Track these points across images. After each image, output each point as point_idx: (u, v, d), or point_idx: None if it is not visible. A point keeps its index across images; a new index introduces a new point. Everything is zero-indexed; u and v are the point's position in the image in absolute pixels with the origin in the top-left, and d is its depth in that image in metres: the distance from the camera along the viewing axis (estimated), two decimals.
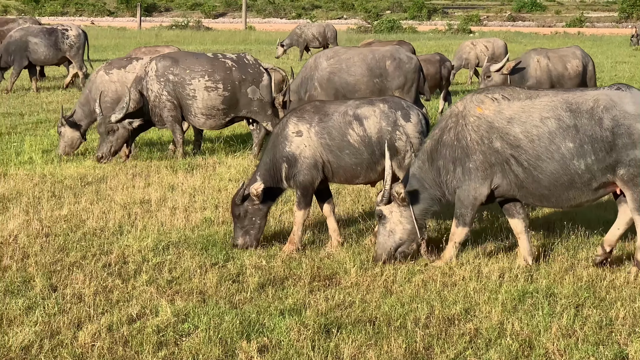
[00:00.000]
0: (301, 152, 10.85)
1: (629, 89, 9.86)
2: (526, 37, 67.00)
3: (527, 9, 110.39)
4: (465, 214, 10.13)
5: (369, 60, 18.42)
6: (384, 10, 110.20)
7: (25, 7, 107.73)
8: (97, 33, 64.00)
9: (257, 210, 11.03)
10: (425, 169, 10.28)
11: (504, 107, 9.92)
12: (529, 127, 9.77)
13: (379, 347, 7.87)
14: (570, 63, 19.78)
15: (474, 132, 9.95)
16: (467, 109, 10.08)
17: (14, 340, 7.86)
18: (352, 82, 18.30)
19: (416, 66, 18.60)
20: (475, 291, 9.24)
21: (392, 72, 18.40)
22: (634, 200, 9.72)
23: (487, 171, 9.92)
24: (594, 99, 9.72)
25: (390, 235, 10.28)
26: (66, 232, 11.46)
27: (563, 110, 9.74)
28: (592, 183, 9.79)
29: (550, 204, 10.20)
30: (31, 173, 15.10)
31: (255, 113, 16.53)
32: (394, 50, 18.86)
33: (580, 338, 8.05)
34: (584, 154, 9.65)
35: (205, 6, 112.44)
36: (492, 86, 10.56)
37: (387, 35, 68.11)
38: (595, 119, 9.62)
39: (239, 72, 16.38)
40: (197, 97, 16.17)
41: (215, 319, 8.37)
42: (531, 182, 9.86)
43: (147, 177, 14.95)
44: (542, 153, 9.73)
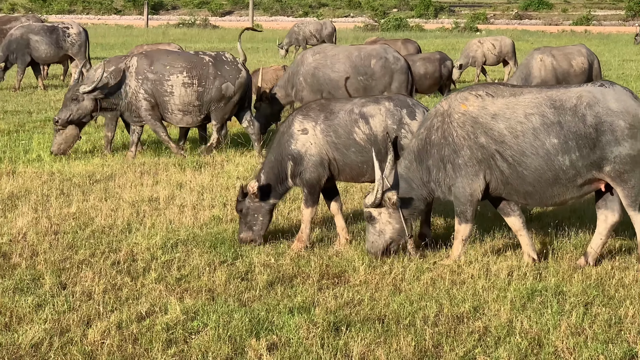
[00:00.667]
0: (307, 150, 10.87)
1: (612, 85, 9.91)
2: (533, 35, 66.94)
3: (533, 7, 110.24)
4: (465, 211, 10.14)
5: (353, 58, 18.54)
6: (391, 8, 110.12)
7: (33, 5, 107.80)
8: (104, 31, 64.08)
9: (258, 207, 11.08)
10: (413, 169, 10.29)
11: (488, 104, 9.97)
12: (513, 123, 9.81)
13: (388, 345, 7.87)
14: (576, 60, 19.78)
15: (459, 128, 9.98)
16: (451, 107, 10.11)
17: (24, 338, 7.87)
18: (336, 78, 18.43)
19: (403, 66, 18.63)
20: (484, 289, 9.24)
21: (377, 71, 18.51)
22: (626, 196, 9.79)
23: (476, 166, 9.94)
24: (577, 96, 9.77)
25: (380, 235, 10.31)
26: (75, 229, 11.48)
27: (547, 107, 9.79)
28: (577, 179, 9.84)
29: (534, 202, 10.20)
30: (40, 171, 15.13)
31: (218, 109, 16.49)
32: (380, 49, 18.94)
33: (589, 336, 8.04)
34: (568, 150, 9.69)
35: (212, 4, 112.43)
36: (476, 84, 10.56)
37: (393, 33, 68.04)
38: (578, 116, 9.68)
39: (214, 68, 16.36)
40: (175, 94, 16.18)
41: (224, 316, 8.37)
42: (516, 178, 9.89)
43: (156, 175, 14.97)
44: (526, 149, 9.77)
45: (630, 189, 9.76)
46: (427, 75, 22.33)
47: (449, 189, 10.15)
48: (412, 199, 10.32)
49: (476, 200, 10.08)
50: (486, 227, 11.43)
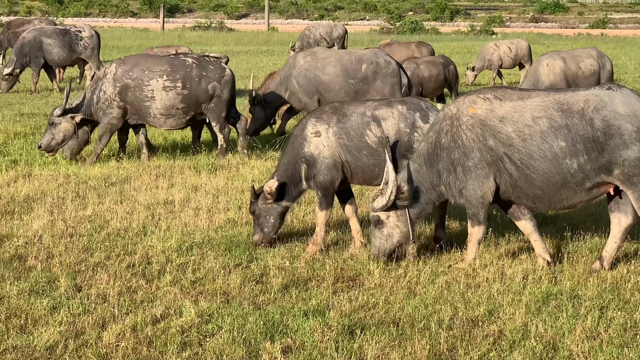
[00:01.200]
0: (320, 153, 10.89)
1: (620, 88, 9.91)
2: (549, 38, 66.81)
3: (549, 10, 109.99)
4: (477, 213, 10.13)
5: (344, 62, 18.72)
6: (407, 11, 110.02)
7: (49, 9, 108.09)
8: (121, 34, 64.24)
9: (270, 208, 11.12)
10: (423, 172, 10.28)
11: (496, 107, 9.97)
12: (520, 126, 9.81)
13: (402, 348, 7.86)
14: (584, 62, 19.70)
15: (469, 131, 9.98)
16: (460, 111, 10.11)
17: (39, 340, 7.90)
18: (327, 80, 18.59)
19: (394, 71, 18.70)
20: (499, 293, 9.22)
21: (368, 75, 18.63)
22: (637, 199, 9.78)
23: (486, 169, 9.93)
24: (584, 100, 9.77)
25: (387, 239, 10.30)
26: (90, 232, 11.51)
27: (554, 110, 9.78)
28: (586, 183, 9.83)
29: (543, 205, 10.18)
30: (55, 173, 15.17)
31: (211, 110, 16.45)
32: (372, 53, 19.06)
33: (604, 340, 8.02)
34: (576, 153, 9.68)
35: (228, 7, 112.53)
36: (484, 88, 10.56)
37: (409, 36, 68.00)
38: (586, 119, 9.67)
39: (198, 69, 16.32)
40: (156, 98, 16.15)
41: (239, 319, 8.38)
42: (524, 181, 9.88)
43: (171, 177, 14.99)
44: (534, 152, 9.76)
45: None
46: (432, 78, 22.30)
47: (460, 192, 10.14)
48: (421, 202, 10.32)
49: (487, 202, 10.06)
50: (501, 230, 11.41)
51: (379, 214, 10.26)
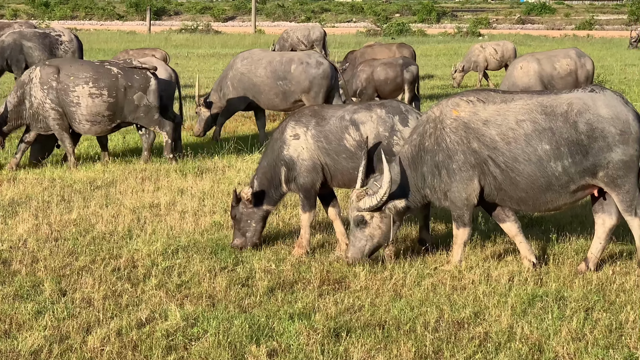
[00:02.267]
0: (299, 155, 10.89)
1: (603, 90, 9.94)
2: (535, 40, 66.90)
3: (536, 12, 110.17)
4: (462, 215, 10.13)
5: (274, 63, 18.95)
6: (393, 13, 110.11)
7: (35, 11, 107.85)
8: (107, 37, 64.10)
9: (251, 213, 11.14)
10: (408, 175, 10.27)
11: (480, 110, 9.99)
12: (504, 129, 9.83)
13: (388, 351, 7.85)
14: (560, 63, 19.62)
15: (452, 134, 9.99)
16: (443, 113, 10.12)
17: (24, 345, 7.86)
18: (258, 83, 18.89)
19: (325, 72, 18.85)
20: (485, 295, 9.23)
21: (297, 76, 18.81)
22: (621, 201, 9.83)
23: (470, 171, 9.94)
24: (567, 103, 9.81)
25: (368, 240, 10.25)
26: (75, 236, 11.47)
27: (538, 113, 9.82)
28: (570, 185, 9.87)
29: (528, 208, 10.21)
30: (40, 177, 15.13)
31: (142, 119, 16.37)
32: (303, 54, 19.33)
33: (590, 342, 8.03)
34: (561, 156, 9.72)
35: (215, 10, 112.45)
36: (467, 90, 10.56)
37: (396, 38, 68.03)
38: (570, 122, 9.71)
39: (124, 78, 16.23)
40: (81, 104, 16.04)
41: (224, 323, 8.36)
42: (509, 184, 9.90)
43: (157, 181, 14.96)
44: (518, 155, 9.79)
45: (625, 194, 9.78)
46: (388, 80, 22.13)
47: (445, 194, 10.14)
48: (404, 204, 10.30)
49: (472, 204, 10.07)
50: (487, 233, 11.42)
51: (364, 214, 10.24)
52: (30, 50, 27.07)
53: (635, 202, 9.82)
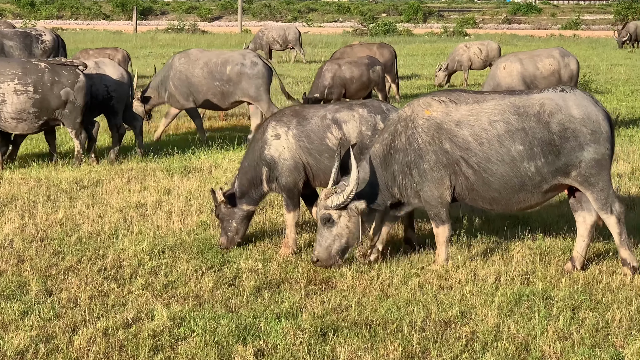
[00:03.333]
0: (280, 155, 10.89)
1: (573, 90, 10.01)
2: (522, 39, 67.00)
3: (522, 12, 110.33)
4: (438, 213, 10.14)
5: (211, 64, 19.11)
6: (380, 13, 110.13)
7: (21, 11, 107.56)
8: (93, 36, 63.95)
9: (231, 212, 11.19)
10: (378, 174, 10.26)
11: (452, 110, 10.00)
12: (477, 130, 9.85)
13: (375, 350, 7.85)
14: (542, 62, 19.57)
15: (424, 134, 9.98)
16: (415, 113, 10.11)
17: (9, 345, 7.84)
18: (196, 82, 19.00)
19: (260, 72, 19.06)
20: (472, 294, 9.24)
21: (233, 77, 19.01)
22: (596, 200, 9.88)
23: (441, 171, 9.95)
24: (539, 103, 9.84)
25: (336, 239, 10.21)
26: (62, 236, 11.44)
27: (511, 114, 9.84)
28: (543, 185, 9.91)
29: (500, 207, 10.23)
30: (26, 177, 15.09)
31: (66, 117, 16.12)
32: (238, 55, 19.45)
33: (576, 341, 8.04)
34: (534, 157, 9.76)
35: (201, 9, 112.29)
36: (438, 91, 10.56)
37: (382, 38, 68.05)
38: (542, 123, 9.75)
39: (51, 74, 16.04)
40: (7, 102, 15.84)
41: (211, 323, 8.35)
42: (482, 184, 9.92)
43: (143, 180, 14.94)
44: (492, 156, 9.81)
45: (599, 192, 9.83)
46: (354, 79, 22.09)
47: (416, 193, 10.14)
48: (373, 203, 10.28)
49: (446, 201, 10.08)
50: (473, 232, 11.42)
51: (331, 212, 10.21)
52: (12, 50, 26.92)
53: (610, 200, 9.88)
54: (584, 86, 29.06)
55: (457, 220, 12.14)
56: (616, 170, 15.63)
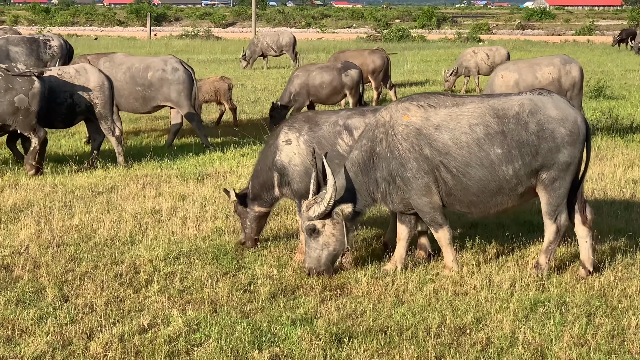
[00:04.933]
0: (291, 160, 10.90)
1: (551, 94, 10.07)
2: (535, 45, 66.95)
3: (536, 18, 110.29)
4: (434, 218, 10.14)
5: (133, 69, 19.39)
6: (394, 19, 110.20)
7: (36, 17, 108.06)
8: (108, 43, 64.18)
9: (244, 212, 11.37)
10: (359, 181, 10.22)
11: (431, 114, 9.98)
12: (457, 133, 9.85)
13: (390, 356, 7.86)
14: (542, 71, 19.37)
15: (404, 141, 9.96)
16: (393, 118, 10.08)
17: (26, 351, 7.87)
18: (118, 87, 19.07)
19: (181, 78, 19.32)
20: (487, 300, 9.23)
21: (154, 82, 19.31)
22: (548, 204, 9.99)
23: (425, 178, 9.94)
24: (519, 104, 9.88)
25: (324, 248, 10.17)
26: (77, 242, 11.48)
27: (491, 117, 9.85)
28: (519, 188, 9.95)
29: (477, 211, 10.25)
30: (42, 183, 15.14)
31: (20, 122, 16.00)
32: (160, 61, 19.71)
33: (592, 347, 8.03)
34: (512, 160, 9.80)
35: (215, 16, 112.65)
36: (416, 94, 10.53)
37: (396, 44, 68.13)
38: (521, 124, 9.79)
39: (5, 81, 15.91)
40: None
41: (226, 328, 8.37)
42: (460, 189, 9.94)
43: (158, 186, 14.97)
44: (471, 160, 9.82)
45: (555, 198, 9.95)
46: (324, 85, 22.03)
47: (402, 200, 10.14)
48: (356, 209, 10.28)
49: (438, 205, 10.07)
50: (488, 237, 11.42)
51: (314, 222, 10.18)
52: (17, 56, 26.97)
53: (559, 209, 10.00)
54: (598, 92, 29.03)
55: (471, 226, 12.16)
56: (631, 176, 15.61)
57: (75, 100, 16.75)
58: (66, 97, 16.71)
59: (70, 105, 16.76)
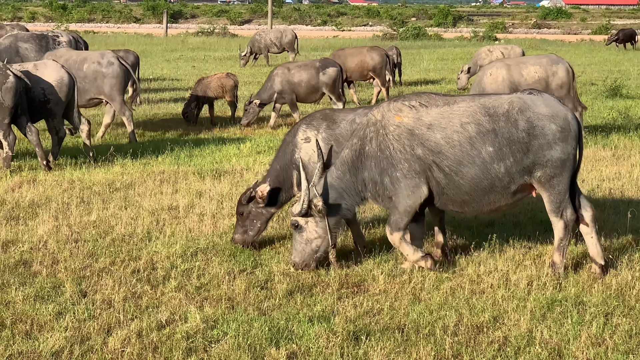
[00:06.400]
0: (310, 158, 10.92)
1: (541, 93, 10.12)
2: (552, 44, 66.81)
3: (552, 16, 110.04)
4: (399, 221, 10.11)
5: (70, 62, 19.38)
6: (410, 17, 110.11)
7: (53, 14, 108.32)
8: (124, 40, 64.31)
9: (259, 213, 11.22)
10: (347, 180, 10.25)
11: (423, 114, 9.99)
12: (449, 132, 9.86)
13: (407, 354, 7.87)
14: (527, 70, 19.25)
15: (395, 142, 9.97)
16: (385, 118, 10.09)
17: (45, 346, 7.91)
18: None
19: (115, 72, 19.43)
20: (504, 299, 9.23)
21: (89, 74, 19.44)
22: (551, 202, 9.99)
23: (415, 178, 9.93)
24: (508, 102, 9.92)
25: (307, 244, 10.25)
26: (95, 237, 11.52)
27: (482, 115, 9.87)
28: (511, 186, 9.96)
29: (470, 210, 10.26)
30: (60, 179, 15.20)
31: None
32: (97, 55, 19.95)
33: (609, 347, 8.03)
34: (503, 157, 9.81)
35: (231, 13, 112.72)
36: (408, 94, 10.54)
37: (412, 42, 68.07)
38: (511, 121, 9.81)
39: None
40: None
41: (244, 325, 8.39)
42: (452, 188, 9.94)
43: (175, 183, 15.01)
44: (463, 158, 9.83)
45: (556, 195, 9.94)
46: (302, 83, 22.00)
47: (390, 199, 10.15)
48: (342, 208, 10.31)
49: (414, 211, 10.09)
50: (505, 237, 11.41)
51: (298, 219, 10.25)
52: (27, 52, 27.02)
53: (563, 205, 9.99)
54: (615, 91, 28.93)
55: (488, 225, 12.15)
56: None
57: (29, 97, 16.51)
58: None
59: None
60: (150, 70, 39.33)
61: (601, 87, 31.03)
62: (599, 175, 15.77)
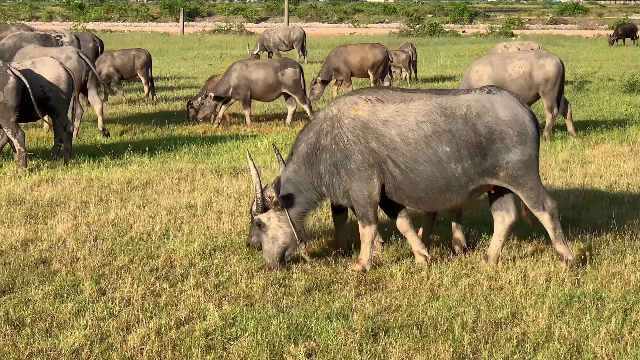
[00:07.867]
0: None
1: (500, 92, 10.06)
2: (568, 40, 66.59)
3: (569, 12, 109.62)
4: (366, 213, 10.12)
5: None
6: (426, 14, 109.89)
7: (70, 13, 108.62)
8: (141, 38, 64.45)
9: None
10: (302, 173, 10.28)
11: (378, 109, 10.00)
12: (404, 130, 9.87)
13: (426, 351, 7.87)
14: (512, 65, 19.15)
15: (350, 133, 9.99)
16: (341, 112, 10.12)
17: (64, 344, 7.94)
18: None
19: (71, 66, 19.24)
20: (522, 295, 9.22)
21: None
22: (527, 198, 10.03)
23: (369, 170, 9.96)
24: (466, 105, 9.89)
25: (274, 242, 10.26)
26: (114, 236, 11.57)
27: (438, 115, 9.88)
28: (469, 186, 9.98)
29: (426, 207, 10.29)
30: (78, 177, 15.25)
31: None
32: (57, 50, 20.15)
33: (629, 342, 8.01)
34: (461, 158, 9.82)
35: (248, 11, 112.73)
36: (364, 88, 10.55)
37: (429, 39, 67.99)
38: (469, 125, 9.81)
39: None
40: None
41: (262, 323, 8.41)
42: (408, 184, 9.95)
43: (193, 181, 15.04)
44: (418, 156, 9.84)
45: (529, 191, 9.95)
46: (259, 81, 21.99)
47: (344, 192, 10.16)
48: (301, 202, 10.33)
49: (375, 201, 10.09)
50: (523, 233, 11.39)
51: (260, 216, 10.27)
52: None
53: (541, 197, 10.00)
54: (633, 86, 28.87)
55: None
56: None
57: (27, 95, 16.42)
58: None
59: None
60: (167, 69, 39.43)
61: (618, 82, 30.97)
62: (617, 170, 15.73)
